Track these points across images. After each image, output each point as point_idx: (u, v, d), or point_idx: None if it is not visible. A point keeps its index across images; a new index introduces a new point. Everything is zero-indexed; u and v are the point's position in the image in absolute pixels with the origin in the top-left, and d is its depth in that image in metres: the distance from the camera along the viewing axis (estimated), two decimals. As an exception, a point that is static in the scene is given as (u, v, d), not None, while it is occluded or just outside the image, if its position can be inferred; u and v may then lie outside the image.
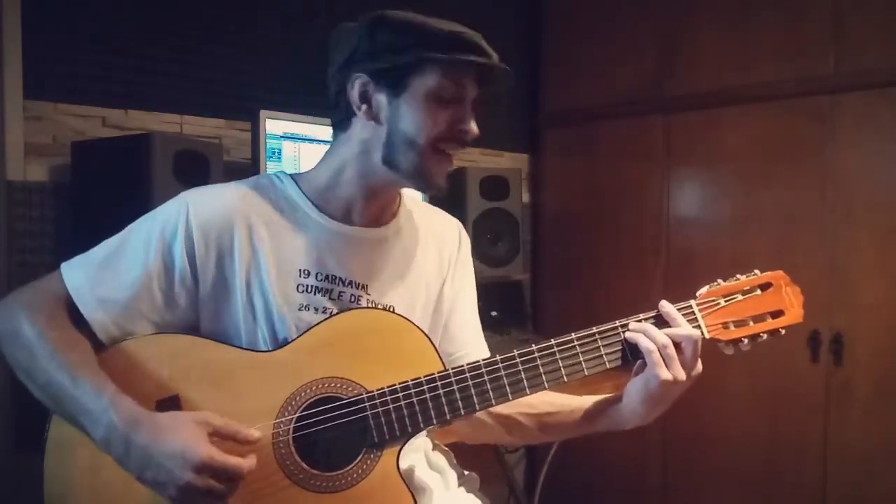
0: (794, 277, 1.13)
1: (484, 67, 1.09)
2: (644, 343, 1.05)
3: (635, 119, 2.78)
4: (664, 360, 1.04)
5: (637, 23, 2.78)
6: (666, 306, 1.08)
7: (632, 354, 1.07)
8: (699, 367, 1.07)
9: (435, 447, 1.28)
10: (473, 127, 1.10)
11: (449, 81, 1.07)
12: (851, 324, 2.26)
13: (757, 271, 1.13)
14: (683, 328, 1.06)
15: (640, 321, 1.08)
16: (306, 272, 1.11)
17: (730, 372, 2.44)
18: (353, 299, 1.13)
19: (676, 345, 1.05)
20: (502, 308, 2.66)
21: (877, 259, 2.23)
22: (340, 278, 1.12)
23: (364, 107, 1.09)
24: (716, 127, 2.57)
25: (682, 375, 1.04)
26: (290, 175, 1.17)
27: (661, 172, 2.72)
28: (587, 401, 1.17)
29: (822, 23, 2.31)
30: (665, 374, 1.03)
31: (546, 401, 1.18)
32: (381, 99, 1.08)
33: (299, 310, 1.09)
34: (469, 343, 1.28)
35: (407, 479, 1.06)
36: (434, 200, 1.53)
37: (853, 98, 2.27)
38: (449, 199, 2.19)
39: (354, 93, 1.09)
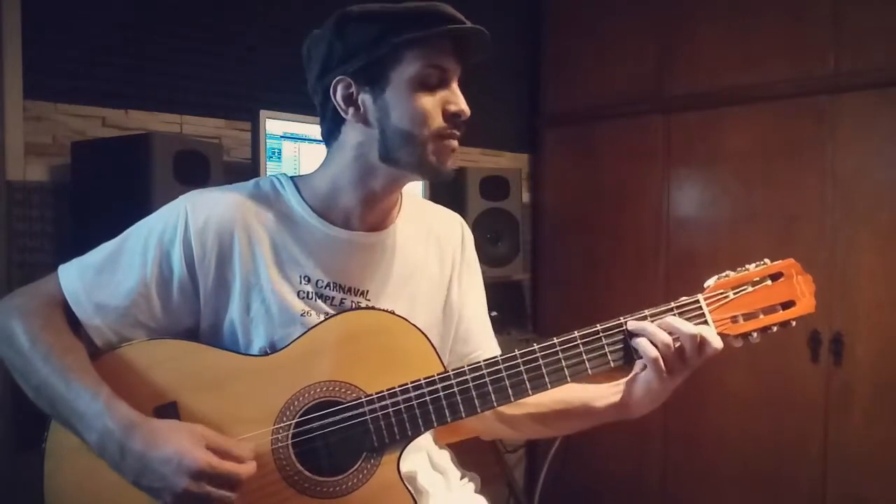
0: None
1: (458, 40, 1.04)
2: (648, 350, 1.02)
3: (635, 119, 2.78)
4: (666, 364, 1.02)
5: (636, 23, 2.77)
6: (673, 319, 1.03)
7: (634, 354, 1.04)
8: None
9: (438, 446, 1.27)
10: (465, 106, 1.05)
11: (429, 64, 1.02)
12: (851, 324, 2.25)
13: (767, 260, 1.09)
14: (685, 326, 1.02)
15: (644, 318, 1.04)
16: (306, 279, 1.09)
17: (730, 372, 2.43)
18: (353, 306, 1.11)
19: (678, 341, 1.02)
20: (502, 308, 2.66)
21: (877, 259, 2.23)
22: (340, 285, 1.11)
23: (351, 110, 1.05)
24: (716, 127, 2.57)
25: (683, 374, 1.04)
26: (292, 178, 1.14)
27: (661, 172, 2.72)
28: (592, 396, 1.14)
29: (822, 23, 2.31)
30: (667, 377, 1.02)
31: (554, 399, 1.15)
32: (365, 98, 1.04)
33: (301, 315, 1.07)
34: (482, 342, 1.27)
35: (409, 483, 1.05)
36: (434, 200, 1.52)
37: (853, 98, 2.27)
38: (449, 199, 2.19)
39: (339, 98, 1.05)
